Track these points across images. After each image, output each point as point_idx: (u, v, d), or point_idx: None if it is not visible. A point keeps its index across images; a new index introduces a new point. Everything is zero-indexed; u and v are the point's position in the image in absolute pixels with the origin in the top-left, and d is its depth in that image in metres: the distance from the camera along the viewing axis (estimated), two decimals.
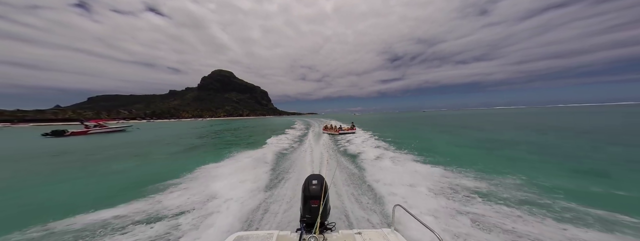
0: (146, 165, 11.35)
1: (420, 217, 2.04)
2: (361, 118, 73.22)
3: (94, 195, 6.86)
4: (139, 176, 8.79)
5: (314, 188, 2.99)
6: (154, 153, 15.21)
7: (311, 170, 8.41)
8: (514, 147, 12.84)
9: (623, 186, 6.08)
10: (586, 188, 6.09)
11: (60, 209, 5.51)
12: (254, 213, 4.83)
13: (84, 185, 8.03)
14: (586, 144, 12.83)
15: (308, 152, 11.58)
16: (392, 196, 5.36)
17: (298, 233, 2.44)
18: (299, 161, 9.91)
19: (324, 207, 2.87)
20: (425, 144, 14.26)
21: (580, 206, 4.83)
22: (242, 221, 4.45)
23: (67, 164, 12.16)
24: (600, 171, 7.66)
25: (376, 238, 2.30)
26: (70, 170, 10.62)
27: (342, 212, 4.92)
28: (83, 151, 17.15)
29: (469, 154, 11.06)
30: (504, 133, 20.17)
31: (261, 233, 2.37)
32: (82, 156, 14.78)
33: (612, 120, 30.61)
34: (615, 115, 41.74)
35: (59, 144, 22.68)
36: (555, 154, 10.38)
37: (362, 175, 7.54)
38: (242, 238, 2.30)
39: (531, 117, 49.23)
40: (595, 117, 37.30)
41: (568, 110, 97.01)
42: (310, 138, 17.19)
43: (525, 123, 29.35)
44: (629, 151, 10.47)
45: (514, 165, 8.67)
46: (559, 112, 73.80)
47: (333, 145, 14.61)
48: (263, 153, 11.18)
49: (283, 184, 6.84)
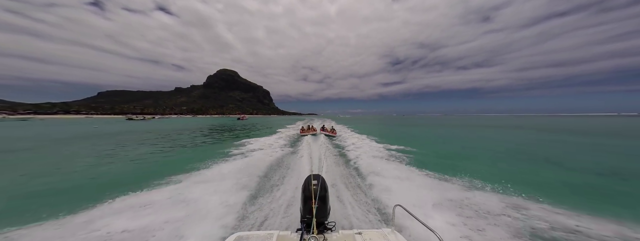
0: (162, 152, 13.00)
1: (421, 217, 2.03)
2: (348, 120, 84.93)
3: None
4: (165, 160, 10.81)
5: (313, 188, 3.03)
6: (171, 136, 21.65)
7: (311, 171, 8.28)
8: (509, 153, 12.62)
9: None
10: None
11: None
12: (254, 213, 4.75)
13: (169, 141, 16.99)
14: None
15: (307, 152, 11.92)
16: (392, 196, 5.24)
17: (298, 233, 2.47)
18: (298, 161, 10.02)
19: (324, 207, 2.99)
20: (422, 145, 15.05)
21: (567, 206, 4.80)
22: (242, 221, 4.40)
23: (159, 133, 24.25)
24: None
25: (376, 238, 2.30)
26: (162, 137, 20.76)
27: (342, 212, 4.85)
28: (158, 129, 29.27)
29: (465, 156, 11.41)
30: (490, 137, 21.14)
31: (261, 233, 2.39)
32: (160, 131, 26.65)
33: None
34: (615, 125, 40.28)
35: (141, 124, 45.03)
36: (534, 155, 11.16)
37: (361, 175, 7.46)
38: (242, 238, 2.31)
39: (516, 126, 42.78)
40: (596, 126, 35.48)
41: (565, 118, 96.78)
42: (309, 139, 17.57)
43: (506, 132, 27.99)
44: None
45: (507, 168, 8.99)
46: (550, 120, 73.00)
47: (332, 146, 14.79)
48: (265, 152, 11.27)
49: (283, 184, 6.75)
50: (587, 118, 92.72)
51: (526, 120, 71.71)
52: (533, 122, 59.32)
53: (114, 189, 5.67)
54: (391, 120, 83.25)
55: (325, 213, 3.01)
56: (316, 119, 77.35)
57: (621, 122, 54.48)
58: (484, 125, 43.30)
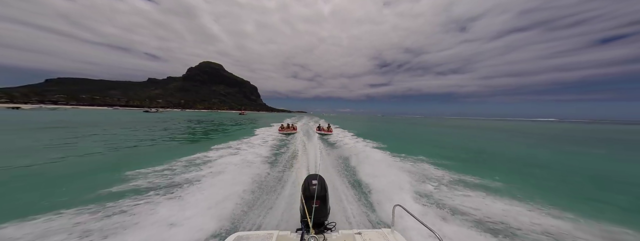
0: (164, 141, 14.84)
1: (420, 217, 2.02)
2: (333, 118, 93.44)
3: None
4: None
5: (313, 188, 3.06)
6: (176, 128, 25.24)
7: (310, 171, 8.26)
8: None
9: None
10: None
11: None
12: (253, 213, 4.77)
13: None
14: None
15: (305, 152, 11.77)
16: (391, 195, 5.30)
17: (298, 233, 2.50)
18: (298, 160, 9.89)
19: (324, 207, 3.03)
20: (418, 144, 16.02)
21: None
22: (242, 220, 4.42)
23: (168, 121, 36.07)
24: None
25: (376, 238, 2.32)
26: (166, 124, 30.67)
27: (342, 212, 4.90)
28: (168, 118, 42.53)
29: (468, 156, 12.17)
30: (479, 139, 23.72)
31: (261, 233, 2.41)
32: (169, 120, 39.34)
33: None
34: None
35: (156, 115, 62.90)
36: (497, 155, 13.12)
37: (361, 174, 7.44)
38: (242, 238, 2.33)
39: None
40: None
41: (510, 122, 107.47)
42: (305, 138, 17.55)
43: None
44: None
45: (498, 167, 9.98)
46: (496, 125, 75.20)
47: (331, 145, 14.86)
48: (264, 152, 10.96)
49: (282, 184, 6.70)
50: (529, 122, 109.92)
51: (479, 122, 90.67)
52: (483, 124, 73.80)
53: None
54: (375, 120, 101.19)
55: (325, 213, 3.09)
56: (305, 117, 79.82)
57: (546, 126, 66.68)
58: (449, 125, 58.15)
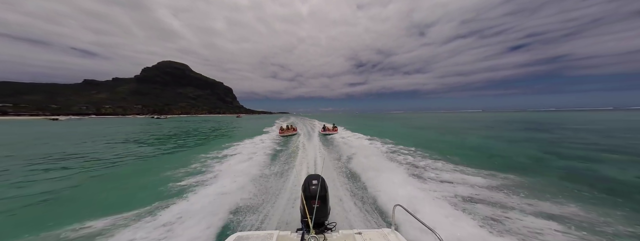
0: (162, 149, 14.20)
1: (421, 217, 2.05)
2: (318, 116, 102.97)
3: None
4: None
5: (313, 188, 3.06)
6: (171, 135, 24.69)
7: (311, 171, 8.27)
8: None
9: None
10: None
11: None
12: (254, 213, 4.77)
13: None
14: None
15: (305, 152, 11.67)
16: (392, 195, 5.24)
17: (298, 233, 2.50)
18: (298, 161, 9.89)
19: (324, 207, 3.04)
20: (412, 142, 15.68)
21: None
22: (242, 220, 4.42)
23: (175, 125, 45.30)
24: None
25: (376, 238, 2.31)
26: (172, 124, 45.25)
27: (342, 212, 4.88)
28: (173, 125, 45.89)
29: (472, 154, 11.41)
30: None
31: (261, 233, 2.41)
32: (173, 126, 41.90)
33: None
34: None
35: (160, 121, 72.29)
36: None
37: (361, 174, 7.35)
38: (242, 238, 2.33)
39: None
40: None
41: (459, 114, 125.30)
42: (304, 139, 17.37)
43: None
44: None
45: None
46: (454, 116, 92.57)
47: (331, 145, 14.73)
48: (263, 151, 11.08)
49: (283, 184, 6.71)
50: (473, 113, 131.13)
51: (441, 115, 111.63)
52: (444, 117, 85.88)
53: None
54: (352, 116, 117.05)
55: (326, 213, 3.11)
56: (292, 118, 79.59)
57: (483, 116, 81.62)
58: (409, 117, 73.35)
